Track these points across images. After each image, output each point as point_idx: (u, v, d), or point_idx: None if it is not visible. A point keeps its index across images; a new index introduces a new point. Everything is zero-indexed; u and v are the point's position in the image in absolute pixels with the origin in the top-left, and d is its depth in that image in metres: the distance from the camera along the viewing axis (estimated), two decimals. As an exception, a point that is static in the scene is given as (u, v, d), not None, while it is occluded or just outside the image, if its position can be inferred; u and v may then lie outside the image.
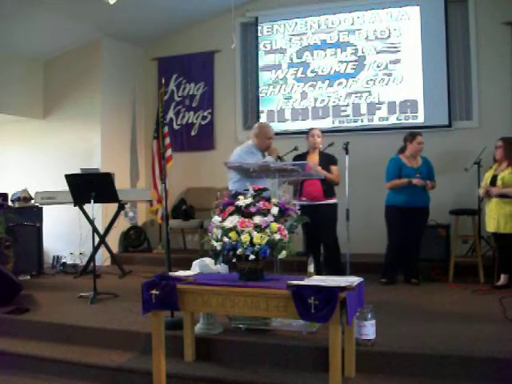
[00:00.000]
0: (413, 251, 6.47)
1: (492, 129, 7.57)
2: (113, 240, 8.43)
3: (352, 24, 8.51)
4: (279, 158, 5.55)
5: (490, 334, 4.28)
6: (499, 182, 6.02)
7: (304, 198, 6.24)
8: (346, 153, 5.56)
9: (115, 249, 8.55)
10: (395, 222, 6.40)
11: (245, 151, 5.49)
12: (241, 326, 4.45)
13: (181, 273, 4.08)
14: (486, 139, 7.09)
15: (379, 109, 8.32)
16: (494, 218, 6.06)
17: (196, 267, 4.39)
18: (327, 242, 6.37)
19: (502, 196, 5.98)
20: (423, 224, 6.56)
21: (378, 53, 8.37)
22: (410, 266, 6.52)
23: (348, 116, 8.46)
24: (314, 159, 6.36)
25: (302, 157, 6.41)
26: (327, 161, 6.35)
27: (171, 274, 4.02)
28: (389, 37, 8.34)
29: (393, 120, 8.21)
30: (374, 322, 4.02)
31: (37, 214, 7.70)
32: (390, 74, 8.31)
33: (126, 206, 7.76)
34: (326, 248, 6.39)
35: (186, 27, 9.22)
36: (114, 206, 7.36)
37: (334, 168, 6.33)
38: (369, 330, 3.99)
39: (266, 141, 5.56)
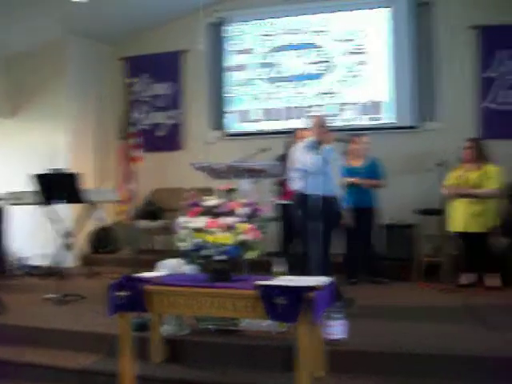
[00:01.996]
0: (368, 251, 6.58)
1: (456, 130, 7.67)
2: (80, 241, 8.33)
3: (320, 25, 8.55)
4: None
5: (457, 332, 4.36)
6: (468, 183, 6.12)
7: (285, 198, 6.27)
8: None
9: (82, 250, 8.45)
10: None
11: (305, 147, 5.30)
12: (209, 326, 4.44)
13: (148, 274, 4.06)
14: (451, 140, 7.19)
15: (346, 110, 8.38)
16: (462, 218, 6.15)
17: (163, 268, 4.37)
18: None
19: (470, 196, 6.07)
20: (369, 224, 6.63)
21: (345, 54, 8.43)
22: (375, 265, 6.60)
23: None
24: None
25: (284, 157, 6.43)
26: None
27: (138, 275, 4.00)
28: (356, 38, 8.41)
29: (359, 121, 8.28)
30: (342, 321, 4.05)
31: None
32: (356, 76, 8.38)
33: (94, 206, 7.66)
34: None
35: (154, 26, 9.16)
36: (81, 207, 7.27)
37: None
38: (337, 329, 4.02)
39: (320, 131, 5.34)
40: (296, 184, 5.23)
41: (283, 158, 6.38)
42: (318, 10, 8.55)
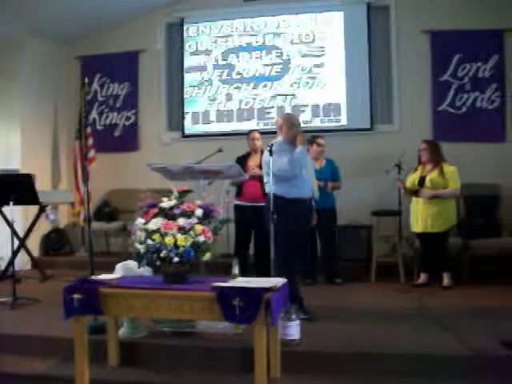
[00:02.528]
0: (328, 251, 6.63)
1: (412, 132, 7.82)
2: (33, 243, 8.17)
3: (277, 27, 8.59)
4: (309, 141, 5.36)
5: (411, 331, 4.45)
6: (428, 184, 6.22)
7: (243, 199, 6.27)
8: (271, 154, 5.58)
9: (36, 252, 8.29)
10: None
11: (279, 151, 5.00)
12: (166, 329, 4.42)
13: (104, 276, 4.02)
14: (406, 142, 7.31)
15: (303, 111, 8.43)
16: (421, 219, 6.25)
17: (119, 270, 4.33)
18: (262, 243, 6.34)
19: (431, 197, 6.18)
20: (332, 225, 6.69)
21: (302, 56, 8.49)
22: (331, 266, 6.66)
23: (273, 118, 8.52)
24: (255, 160, 6.38)
25: (244, 158, 6.43)
26: None
27: (94, 277, 3.96)
28: (313, 41, 8.47)
29: (316, 123, 8.34)
30: (298, 322, 4.08)
31: None
32: (314, 78, 8.44)
33: (47, 208, 7.54)
34: (259, 249, 6.35)
35: (110, 26, 9.04)
36: (34, 209, 7.16)
37: None
38: (293, 330, 4.05)
39: (290, 131, 5.07)
40: (270, 187, 4.98)
41: (242, 160, 6.39)
42: (275, 12, 8.59)
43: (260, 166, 6.20)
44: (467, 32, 7.91)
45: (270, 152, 5.31)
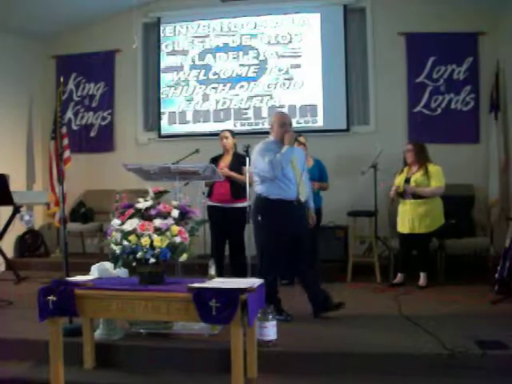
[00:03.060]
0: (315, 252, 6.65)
1: (388, 133, 7.91)
2: (7, 245, 8.06)
3: (254, 28, 8.61)
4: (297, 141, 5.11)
5: (387, 330, 4.47)
6: (413, 184, 6.26)
7: (213, 200, 6.25)
8: (247, 155, 5.59)
9: (10, 254, 8.19)
10: None
11: (261, 150, 4.93)
12: (142, 330, 4.40)
13: (79, 278, 3.99)
14: (383, 143, 7.36)
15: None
16: (408, 220, 6.29)
17: (95, 271, 4.29)
18: (233, 245, 6.35)
19: (415, 197, 6.22)
20: (317, 225, 6.71)
21: (279, 57, 8.52)
22: (313, 267, 6.67)
23: (249, 119, 8.55)
24: (226, 160, 6.33)
25: (217, 159, 6.39)
26: (240, 161, 6.18)
27: (69, 278, 3.92)
28: (290, 42, 8.51)
29: (293, 124, 8.32)
30: (275, 322, 4.08)
31: None
32: (290, 79, 8.47)
33: (22, 208, 7.44)
34: (232, 250, 6.38)
35: (86, 25, 8.97)
36: (8, 209, 7.07)
37: (245, 168, 6.23)
38: (270, 330, 4.04)
39: (279, 130, 5.02)
40: (256, 187, 4.99)
41: (215, 160, 6.35)
42: (252, 13, 8.60)
43: (230, 167, 6.21)
44: (442, 35, 8.02)
45: (246, 152, 5.33)
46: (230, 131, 6.56)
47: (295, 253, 4.95)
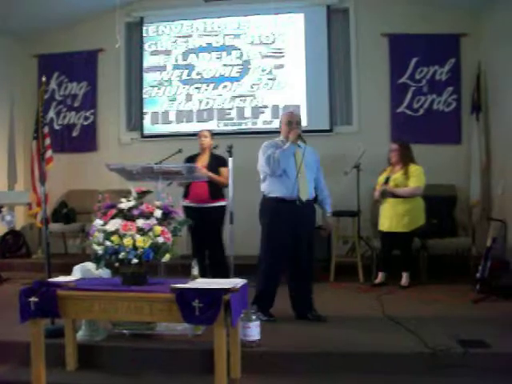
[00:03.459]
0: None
1: (370, 134, 7.95)
2: (-12, 245, 8.03)
3: (238, 28, 8.61)
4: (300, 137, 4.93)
5: (370, 330, 4.49)
6: (392, 183, 6.30)
7: (190, 200, 6.21)
8: (230, 155, 5.58)
9: (-9, 254, 8.14)
10: None
11: (264, 147, 4.94)
12: (125, 331, 4.38)
13: (61, 278, 3.96)
14: (365, 144, 7.40)
15: (263, 112, 8.48)
16: (388, 218, 6.32)
17: (77, 272, 4.27)
18: (212, 245, 6.34)
19: (394, 196, 6.25)
20: None
21: (262, 57, 8.53)
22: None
23: (232, 119, 8.55)
24: (203, 160, 6.26)
25: (194, 158, 6.35)
26: (217, 162, 6.25)
27: (51, 279, 3.89)
28: (273, 42, 8.52)
29: (276, 124, 8.27)
30: (258, 323, 4.08)
31: None
32: (274, 79, 8.48)
33: (3, 209, 7.41)
34: (211, 250, 6.34)
35: (69, 24, 8.89)
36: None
37: (223, 170, 6.14)
38: (253, 331, 4.04)
39: (285, 128, 5.03)
40: (260, 186, 4.98)
41: (191, 160, 6.29)
42: (236, 13, 8.60)
43: (207, 167, 6.15)
44: (425, 36, 8.08)
45: (229, 153, 5.32)
46: (209, 131, 6.54)
47: (295, 253, 4.87)
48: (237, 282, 3.66)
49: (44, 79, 8.04)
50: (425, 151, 7.51)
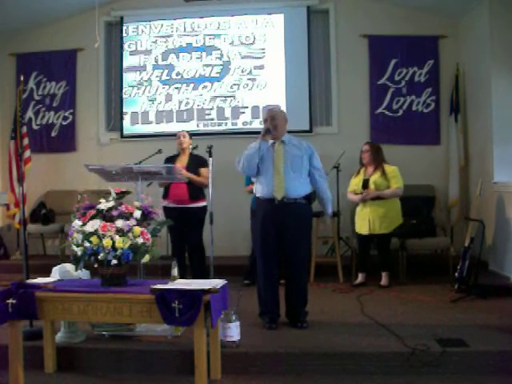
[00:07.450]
0: None
1: (350, 135, 7.99)
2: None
3: (218, 28, 8.60)
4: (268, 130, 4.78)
5: (349, 330, 4.51)
6: (372, 186, 6.31)
7: (170, 201, 6.18)
8: (210, 156, 5.56)
9: (-32, 256, 8.06)
10: None
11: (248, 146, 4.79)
12: (104, 332, 4.36)
13: (40, 280, 3.93)
14: (345, 144, 7.44)
15: (243, 113, 8.48)
16: (367, 221, 6.34)
17: (56, 274, 4.24)
18: (192, 246, 6.31)
19: (374, 198, 6.28)
20: None
21: (242, 58, 8.53)
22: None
23: (212, 119, 8.54)
24: (182, 161, 6.22)
25: (173, 159, 6.32)
26: (197, 162, 6.21)
27: (29, 281, 3.86)
28: (254, 43, 8.52)
29: (256, 124, 8.35)
30: (238, 323, 4.08)
31: None
32: (254, 79, 8.48)
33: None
34: (191, 251, 6.33)
35: (47, 23, 8.81)
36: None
37: (202, 170, 6.10)
38: (233, 331, 4.05)
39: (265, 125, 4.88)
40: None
41: (170, 160, 6.26)
42: (216, 13, 8.59)
43: (186, 167, 6.12)
44: (404, 38, 8.16)
45: (209, 153, 5.29)
46: (187, 132, 6.51)
47: (284, 254, 4.75)
48: (217, 283, 3.66)
49: (22, 78, 7.98)
50: (404, 152, 7.58)
